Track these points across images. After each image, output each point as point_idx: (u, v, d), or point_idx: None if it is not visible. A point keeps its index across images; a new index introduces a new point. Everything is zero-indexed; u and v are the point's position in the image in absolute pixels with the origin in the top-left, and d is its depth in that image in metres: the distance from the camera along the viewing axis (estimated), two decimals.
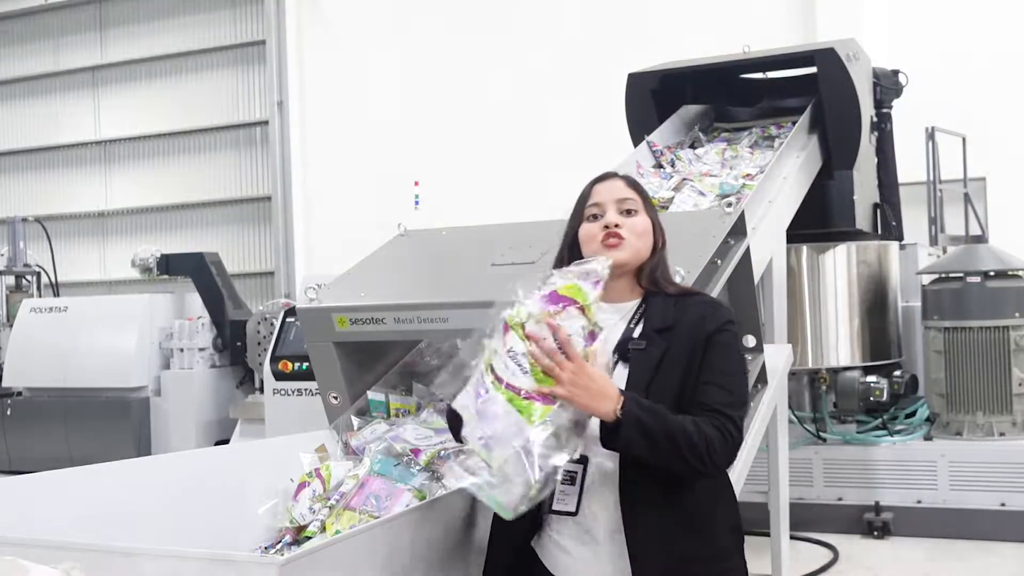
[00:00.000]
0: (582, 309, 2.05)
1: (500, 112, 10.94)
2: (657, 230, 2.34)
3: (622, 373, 2.17)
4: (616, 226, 2.26)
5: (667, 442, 2.03)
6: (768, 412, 3.76)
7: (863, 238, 6.35)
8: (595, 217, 2.31)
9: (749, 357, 3.40)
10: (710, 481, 2.17)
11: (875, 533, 5.89)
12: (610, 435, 2.04)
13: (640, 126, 6.05)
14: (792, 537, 5.06)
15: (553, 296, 2.05)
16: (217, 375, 8.53)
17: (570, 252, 2.34)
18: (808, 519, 5.88)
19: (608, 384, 2.03)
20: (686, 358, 2.17)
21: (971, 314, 6.03)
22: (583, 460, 2.15)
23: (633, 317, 2.26)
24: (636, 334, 2.23)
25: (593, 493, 2.16)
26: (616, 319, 2.24)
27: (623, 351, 2.20)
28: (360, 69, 11.84)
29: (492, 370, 2.04)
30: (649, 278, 2.29)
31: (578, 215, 2.38)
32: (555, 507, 2.17)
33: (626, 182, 2.38)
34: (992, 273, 6.07)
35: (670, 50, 7.21)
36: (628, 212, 2.31)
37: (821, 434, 6.20)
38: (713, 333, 2.20)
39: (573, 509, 2.16)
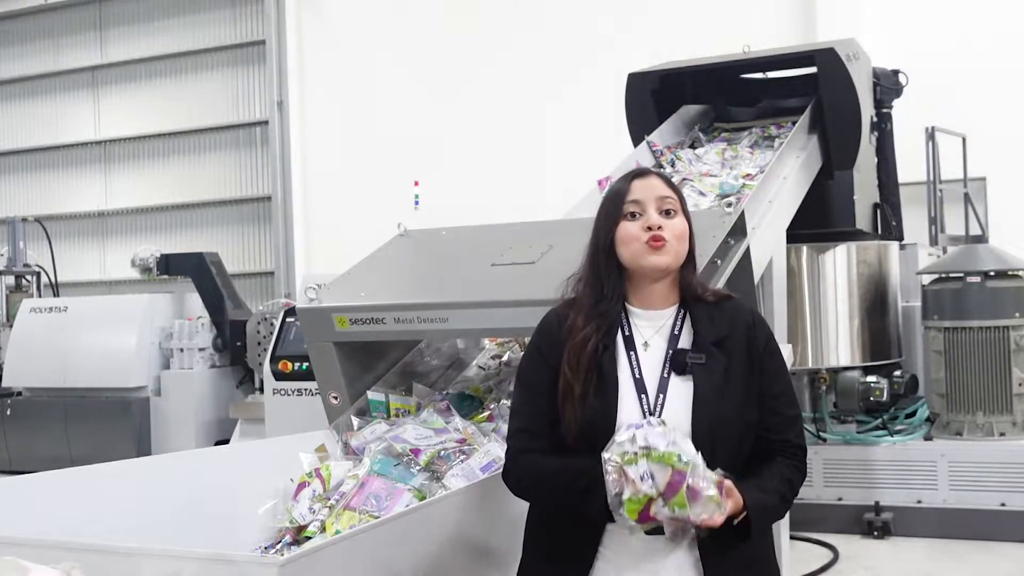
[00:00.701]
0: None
1: (500, 112, 10.94)
2: (692, 233, 2.25)
3: (682, 387, 2.12)
4: (659, 228, 2.16)
5: (780, 506, 2.14)
6: None
7: (863, 238, 6.35)
8: (634, 216, 2.18)
9: None
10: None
11: (875, 533, 5.89)
12: (744, 531, 2.04)
13: (640, 126, 6.05)
14: (792, 537, 5.06)
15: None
16: (217, 375, 8.52)
17: (607, 254, 2.20)
18: (808, 519, 5.88)
19: (735, 503, 1.99)
20: (746, 369, 2.16)
21: (971, 314, 6.03)
22: None
23: (675, 324, 2.20)
24: (685, 344, 2.16)
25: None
26: (654, 329, 2.19)
27: (680, 363, 2.14)
28: (360, 69, 11.84)
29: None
30: (688, 284, 2.23)
31: (613, 212, 2.22)
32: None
33: (663, 180, 2.27)
34: (992, 273, 6.07)
35: (670, 50, 7.22)
36: (667, 213, 2.19)
37: (821, 434, 6.20)
38: (766, 343, 2.21)
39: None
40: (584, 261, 2.26)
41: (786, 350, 4.14)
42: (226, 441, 7.90)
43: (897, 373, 6.31)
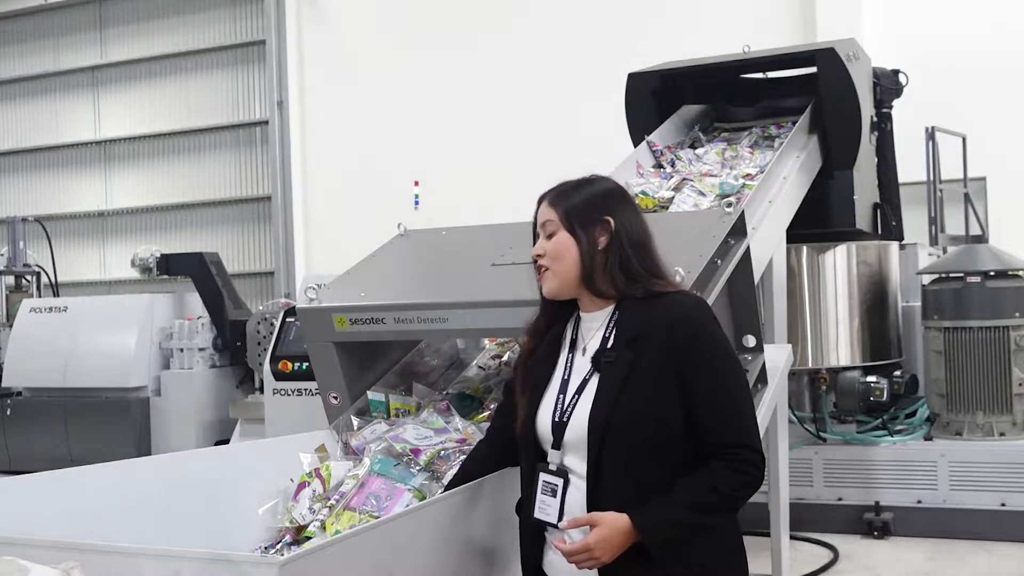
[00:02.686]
0: None
1: (500, 112, 10.94)
2: (588, 238, 2.20)
3: (593, 385, 2.18)
4: (538, 256, 2.27)
5: (699, 517, 2.07)
6: (768, 412, 3.76)
7: (863, 238, 6.35)
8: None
9: (748, 357, 3.40)
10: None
11: (875, 533, 5.89)
12: (647, 554, 2.05)
13: (640, 126, 6.05)
14: (792, 537, 5.06)
15: None
16: (217, 375, 8.52)
17: None
18: (808, 519, 5.88)
19: (616, 533, 2.03)
20: (658, 368, 2.11)
21: (971, 314, 6.03)
22: (563, 473, 2.18)
23: (608, 325, 2.22)
24: (610, 344, 2.19)
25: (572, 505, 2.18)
26: (595, 329, 2.25)
27: (598, 362, 2.19)
28: (360, 69, 11.84)
29: None
30: (602, 286, 2.21)
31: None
32: (537, 515, 2.22)
33: (548, 201, 2.31)
34: (992, 273, 6.07)
35: (670, 50, 7.21)
36: (550, 236, 2.26)
37: (821, 434, 6.20)
38: (686, 341, 2.11)
39: (555, 520, 2.18)
40: None
41: (786, 350, 4.14)
42: (226, 441, 7.90)
43: (897, 373, 6.31)
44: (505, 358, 3.88)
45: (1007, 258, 6.20)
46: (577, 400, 2.18)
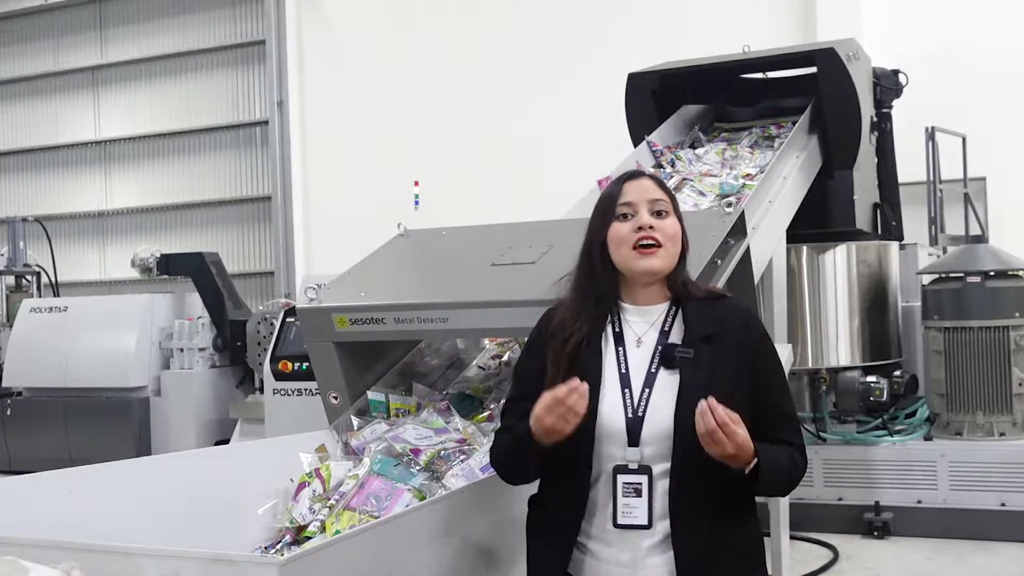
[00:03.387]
0: None
1: (500, 112, 10.93)
2: (684, 233, 2.27)
3: (668, 381, 2.13)
4: (650, 228, 2.19)
5: (789, 475, 2.15)
6: None
7: (863, 238, 6.35)
8: (625, 217, 2.22)
9: None
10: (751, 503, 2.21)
11: (875, 533, 5.89)
12: (751, 482, 2.07)
13: (640, 126, 6.04)
14: (792, 537, 5.05)
15: None
16: (217, 375, 8.52)
17: (600, 254, 2.24)
18: (808, 519, 5.88)
19: (744, 437, 2.02)
20: (735, 367, 2.15)
21: (971, 314, 6.03)
22: (646, 470, 2.10)
23: (666, 321, 2.21)
24: (676, 340, 2.18)
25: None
26: (647, 325, 2.21)
27: (668, 357, 2.15)
28: (360, 69, 11.84)
29: None
30: (680, 283, 2.24)
31: (605, 214, 2.26)
32: (621, 521, 2.09)
33: (656, 182, 2.29)
34: (992, 273, 6.07)
35: (670, 50, 7.21)
36: (659, 214, 2.22)
37: (821, 434, 6.20)
38: (758, 341, 2.21)
39: (646, 522, 2.09)
40: (577, 261, 2.30)
41: (786, 350, 4.14)
42: (226, 441, 7.90)
43: (897, 373, 6.31)
44: (505, 358, 3.88)
45: (1007, 258, 6.20)
46: (649, 395, 2.13)
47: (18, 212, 11.73)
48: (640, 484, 2.08)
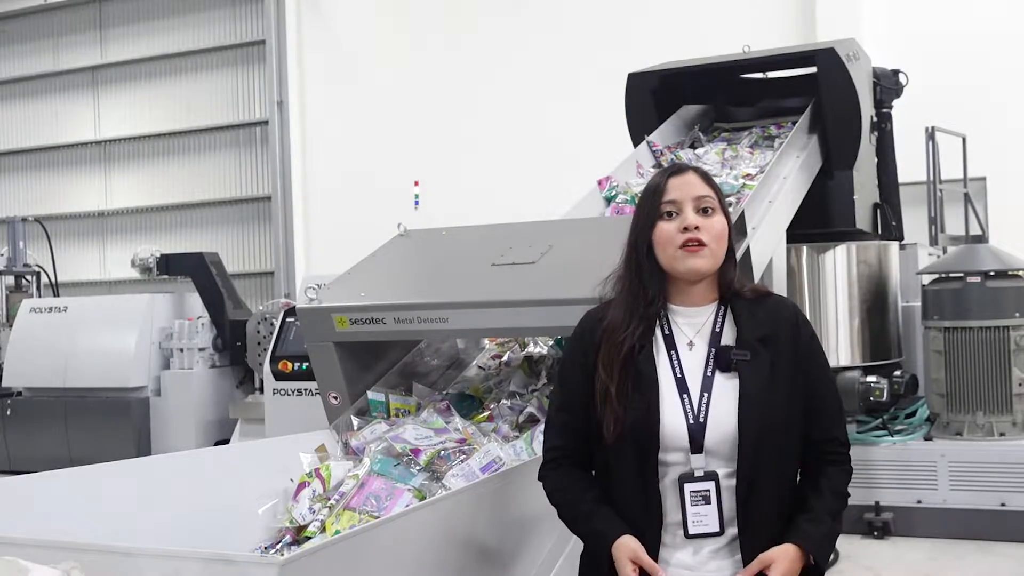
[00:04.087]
0: None
1: (500, 112, 10.93)
2: (731, 229, 2.19)
3: (727, 385, 2.08)
4: (696, 228, 2.10)
5: (838, 526, 2.17)
6: None
7: (863, 238, 6.34)
8: (670, 215, 2.13)
9: None
10: None
11: (875, 533, 5.88)
12: (817, 571, 2.08)
13: (640, 126, 6.04)
14: None
15: None
16: (217, 375, 8.52)
17: (646, 254, 2.15)
18: None
19: (792, 562, 2.03)
20: (791, 366, 2.12)
21: (971, 314, 6.02)
22: (712, 476, 2.06)
23: (716, 322, 2.15)
24: (727, 341, 2.13)
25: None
26: (696, 327, 2.15)
27: (724, 360, 2.09)
28: (360, 69, 11.84)
29: None
30: (728, 281, 2.17)
31: (650, 212, 2.16)
32: (693, 531, 2.05)
33: (701, 177, 2.19)
34: (992, 273, 6.07)
35: (670, 50, 7.21)
36: (705, 211, 2.13)
37: None
38: (810, 341, 2.17)
39: (718, 528, 2.06)
40: (621, 260, 2.21)
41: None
42: (226, 441, 7.90)
43: (897, 373, 6.30)
44: (505, 358, 3.88)
45: (1007, 258, 6.19)
46: (708, 399, 2.07)
47: (18, 212, 11.73)
48: (708, 491, 2.04)
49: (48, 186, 14.12)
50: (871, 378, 6.15)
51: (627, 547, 2.02)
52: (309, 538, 2.79)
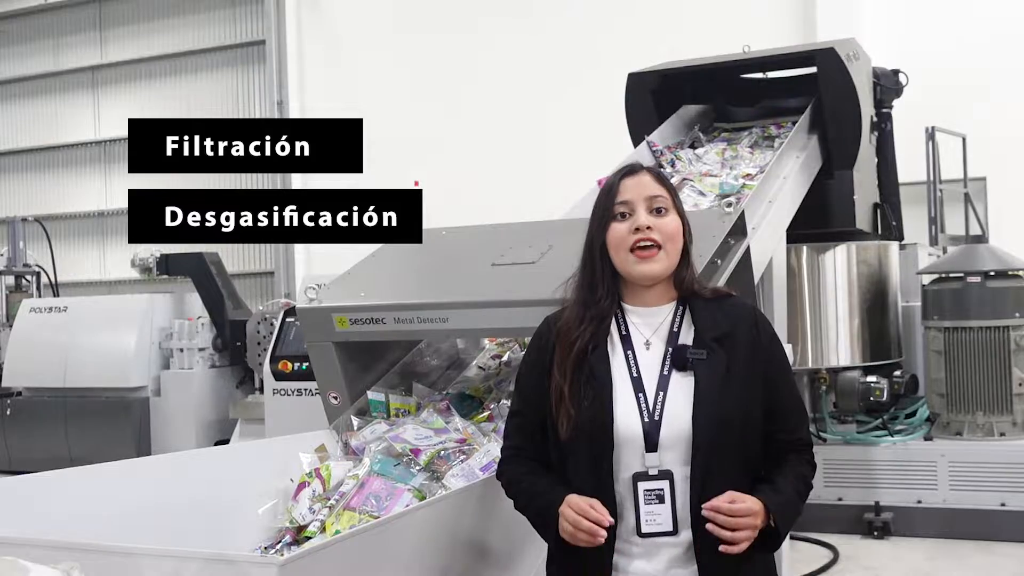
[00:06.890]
0: None
1: (500, 112, 10.93)
2: (686, 228, 2.19)
3: (682, 383, 2.08)
4: (648, 228, 2.11)
5: (801, 505, 2.18)
6: None
7: (863, 238, 6.35)
8: (623, 216, 2.14)
9: None
10: None
11: (875, 533, 5.89)
12: (773, 534, 2.07)
13: (640, 126, 6.04)
14: (792, 537, 5.05)
15: None
16: (217, 375, 8.52)
17: (600, 255, 2.16)
18: (808, 519, 5.86)
19: (756, 510, 2.02)
20: (748, 367, 2.12)
21: (971, 314, 6.02)
22: (667, 475, 2.05)
23: (674, 322, 2.16)
24: (686, 340, 2.13)
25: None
26: (653, 327, 2.15)
27: (680, 359, 2.10)
28: (360, 69, 11.83)
29: None
30: (687, 283, 2.18)
31: (604, 213, 2.18)
32: (646, 529, 2.04)
33: (654, 176, 2.20)
34: (992, 273, 6.07)
35: (670, 50, 7.21)
36: (658, 211, 2.14)
37: (821, 434, 6.20)
38: (769, 342, 2.17)
39: (671, 527, 2.04)
40: (579, 263, 2.23)
41: (786, 350, 4.14)
42: (226, 441, 7.90)
43: (897, 373, 6.31)
44: (505, 358, 3.88)
45: (1007, 258, 6.19)
46: (664, 398, 2.08)
47: (18, 212, 11.73)
48: (662, 490, 2.04)
49: (48, 186, 14.12)
50: (871, 378, 6.15)
51: (580, 499, 2.02)
52: (309, 538, 2.79)
